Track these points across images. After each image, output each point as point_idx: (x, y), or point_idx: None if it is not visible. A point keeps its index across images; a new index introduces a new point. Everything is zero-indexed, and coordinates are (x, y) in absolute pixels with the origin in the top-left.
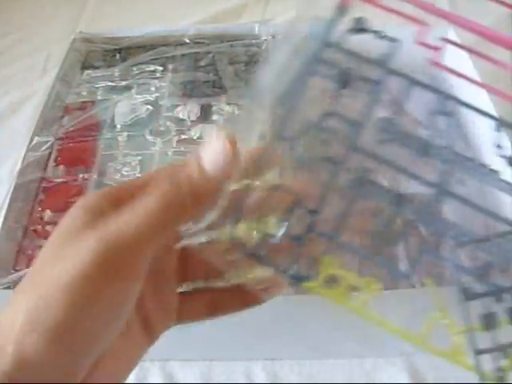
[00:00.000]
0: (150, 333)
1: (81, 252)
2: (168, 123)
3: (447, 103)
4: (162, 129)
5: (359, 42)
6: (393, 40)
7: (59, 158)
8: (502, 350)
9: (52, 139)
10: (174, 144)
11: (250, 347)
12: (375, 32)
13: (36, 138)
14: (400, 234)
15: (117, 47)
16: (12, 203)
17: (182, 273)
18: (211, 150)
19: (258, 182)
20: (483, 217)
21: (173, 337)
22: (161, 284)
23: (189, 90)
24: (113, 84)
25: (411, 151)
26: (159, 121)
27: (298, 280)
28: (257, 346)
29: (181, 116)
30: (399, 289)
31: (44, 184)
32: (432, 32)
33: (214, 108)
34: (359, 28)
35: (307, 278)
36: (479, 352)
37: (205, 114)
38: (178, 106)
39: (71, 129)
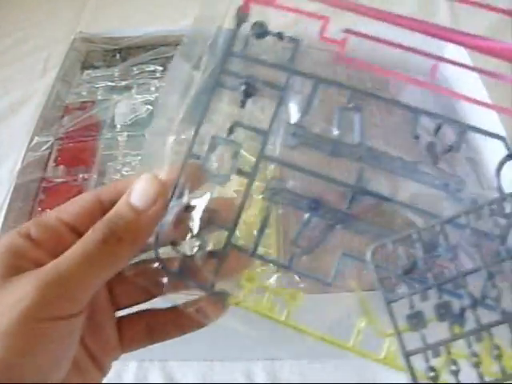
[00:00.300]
0: (99, 365)
1: (17, 294)
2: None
3: (357, 99)
4: None
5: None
6: (294, 40)
7: (59, 158)
8: (431, 349)
9: (52, 139)
10: None
11: (250, 347)
12: (275, 34)
13: (36, 138)
14: (321, 238)
15: (117, 47)
16: (12, 203)
17: (114, 300)
18: (138, 187)
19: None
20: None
21: None
22: (96, 315)
23: None
24: (113, 84)
25: (323, 153)
26: None
27: (221, 296)
28: (257, 346)
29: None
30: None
31: (44, 184)
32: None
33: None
34: (260, 32)
35: (230, 294)
36: (408, 354)
37: None
38: None
39: (71, 129)
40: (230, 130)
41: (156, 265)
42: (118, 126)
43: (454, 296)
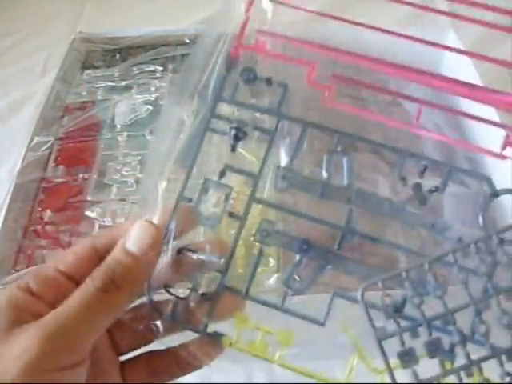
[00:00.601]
0: None
1: (20, 347)
2: None
3: (345, 142)
4: None
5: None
6: (282, 85)
7: (59, 158)
8: None
9: (52, 139)
10: None
11: None
12: (265, 80)
13: (36, 138)
14: (312, 278)
15: (117, 47)
16: (12, 203)
17: (115, 345)
18: (134, 234)
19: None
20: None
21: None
22: (99, 362)
23: None
24: (113, 84)
25: (313, 195)
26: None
27: (215, 338)
28: None
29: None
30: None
31: (44, 184)
32: (432, 31)
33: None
34: (249, 78)
35: (224, 335)
36: None
37: None
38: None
39: (71, 129)
40: (222, 174)
41: (149, 309)
42: (118, 126)
43: (443, 332)
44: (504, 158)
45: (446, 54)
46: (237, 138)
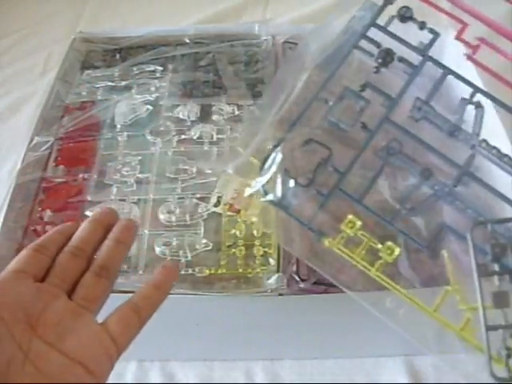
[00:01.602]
0: None
1: None
2: (168, 123)
3: (477, 95)
4: (161, 129)
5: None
6: (433, 32)
7: (59, 158)
8: (511, 328)
9: (52, 139)
10: (174, 144)
11: (250, 347)
12: (418, 22)
13: (36, 138)
14: (424, 206)
15: (117, 47)
16: (12, 203)
17: None
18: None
19: None
20: (500, 201)
21: (173, 337)
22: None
23: (189, 90)
24: (113, 84)
25: (441, 132)
26: (159, 121)
27: (318, 235)
28: (257, 346)
29: (181, 116)
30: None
31: (44, 184)
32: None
33: (213, 108)
34: (405, 16)
35: (326, 234)
36: (490, 328)
37: (205, 114)
38: (178, 105)
39: (71, 129)
40: (362, 88)
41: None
42: (118, 126)
43: None
44: None
45: (446, 53)
46: (384, 61)
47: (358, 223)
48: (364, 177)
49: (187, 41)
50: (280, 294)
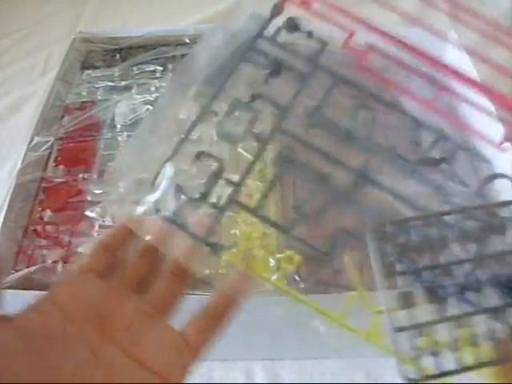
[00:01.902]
0: None
1: None
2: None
3: (367, 99)
4: None
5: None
6: (321, 41)
7: (59, 158)
8: (419, 327)
9: (52, 139)
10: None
11: (250, 347)
12: (305, 32)
13: (36, 138)
14: (319, 211)
15: (117, 47)
16: (12, 203)
17: None
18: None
19: None
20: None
21: None
22: None
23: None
24: (113, 84)
25: (335, 137)
26: None
27: (216, 249)
28: (257, 346)
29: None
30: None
31: (44, 184)
32: (433, 32)
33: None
34: (292, 26)
35: (224, 247)
36: (397, 329)
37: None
38: None
39: (71, 129)
40: (252, 99)
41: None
42: (118, 126)
43: (441, 283)
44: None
45: (446, 53)
46: (272, 72)
47: (255, 234)
48: (262, 187)
49: (187, 41)
50: (280, 294)
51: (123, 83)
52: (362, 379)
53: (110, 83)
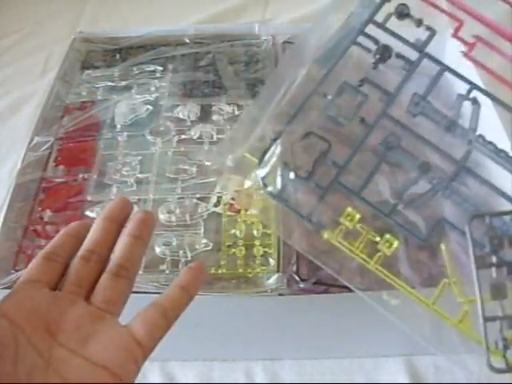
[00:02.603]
0: None
1: None
2: (168, 123)
3: (473, 92)
4: (162, 129)
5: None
6: (430, 29)
7: (59, 158)
8: (509, 319)
9: (52, 139)
10: (174, 144)
11: (250, 347)
12: (415, 19)
13: (36, 138)
14: (422, 200)
15: (117, 47)
16: (12, 203)
17: None
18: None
19: None
20: (497, 196)
21: (173, 337)
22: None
23: (189, 90)
24: (113, 84)
25: (438, 127)
26: (159, 121)
27: (317, 227)
28: (257, 346)
29: (181, 116)
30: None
31: (44, 184)
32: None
33: (213, 108)
34: (402, 13)
35: (325, 226)
36: (488, 319)
37: (205, 114)
38: (178, 105)
39: (71, 129)
40: (361, 83)
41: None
42: (118, 126)
43: None
44: None
45: (445, 51)
46: (382, 57)
47: (357, 216)
48: (362, 171)
49: (187, 41)
50: (280, 294)
51: (123, 83)
52: (362, 379)
53: (110, 83)
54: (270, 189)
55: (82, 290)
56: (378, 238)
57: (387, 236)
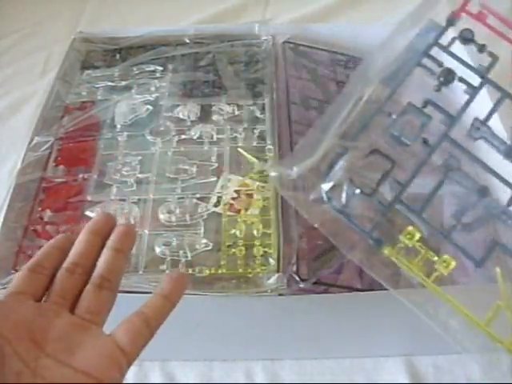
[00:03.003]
0: None
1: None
2: (168, 123)
3: None
4: (162, 129)
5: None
6: (492, 55)
7: (59, 158)
8: None
9: (52, 139)
10: (174, 144)
11: (250, 347)
12: (478, 45)
13: (36, 138)
14: (476, 225)
15: (117, 47)
16: (12, 203)
17: None
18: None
19: None
20: None
21: (173, 337)
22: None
23: (189, 90)
24: (113, 84)
25: (499, 152)
26: (159, 121)
27: (378, 244)
28: (257, 346)
29: (181, 116)
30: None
31: (44, 184)
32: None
33: (213, 108)
34: (466, 38)
35: (386, 243)
36: None
37: (205, 114)
38: (178, 105)
39: (71, 129)
40: (424, 104)
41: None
42: (118, 126)
43: None
44: None
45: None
46: (445, 80)
47: (417, 235)
48: (422, 190)
49: (187, 41)
50: (280, 294)
51: (123, 83)
52: (362, 379)
53: (110, 83)
54: (333, 203)
55: (66, 302)
56: (435, 258)
57: (445, 256)
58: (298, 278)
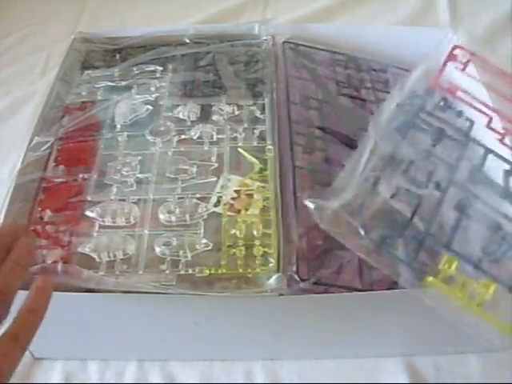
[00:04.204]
0: None
1: None
2: (168, 123)
3: None
4: (161, 129)
5: None
6: (469, 120)
7: (59, 158)
8: None
9: (52, 139)
10: (174, 144)
11: (250, 347)
12: (456, 111)
13: (36, 138)
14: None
15: (117, 47)
16: (12, 203)
17: None
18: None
19: None
20: None
21: (173, 337)
22: None
23: (189, 90)
24: (113, 84)
25: (495, 194)
26: (159, 121)
27: (420, 273)
28: (257, 346)
29: (181, 116)
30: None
31: (44, 184)
32: (432, 31)
33: (213, 108)
34: (445, 107)
35: (427, 272)
36: None
37: (205, 114)
38: (178, 105)
39: (71, 129)
40: (426, 155)
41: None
42: (118, 126)
43: None
44: None
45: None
46: (438, 139)
47: (455, 263)
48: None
49: (187, 41)
50: (280, 294)
51: (123, 83)
52: (362, 379)
53: (110, 83)
54: (368, 234)
55: None
56: (474, 284)
57: (483, 281)
58: (298, 278)
